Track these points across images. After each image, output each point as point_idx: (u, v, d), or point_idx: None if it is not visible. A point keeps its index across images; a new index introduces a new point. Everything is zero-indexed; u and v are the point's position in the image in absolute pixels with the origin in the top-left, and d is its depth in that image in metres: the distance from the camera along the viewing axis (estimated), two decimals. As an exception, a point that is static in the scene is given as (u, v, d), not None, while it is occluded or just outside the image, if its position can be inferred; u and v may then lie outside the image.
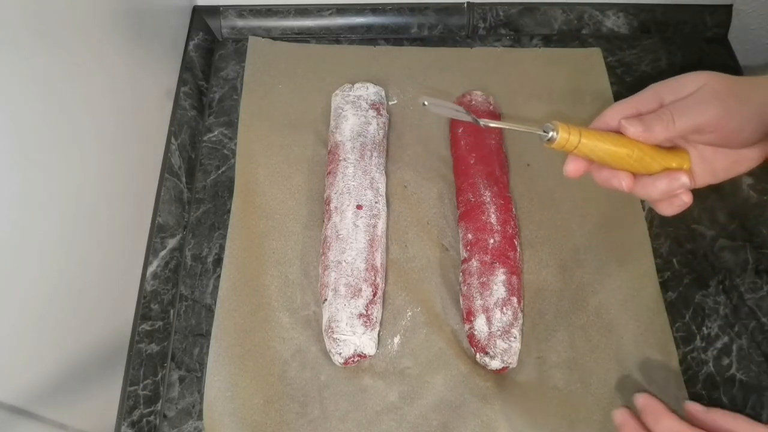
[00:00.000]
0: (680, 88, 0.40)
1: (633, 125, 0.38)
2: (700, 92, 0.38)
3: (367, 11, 0.72)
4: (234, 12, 0.71)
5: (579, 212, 0.59)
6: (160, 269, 0.55)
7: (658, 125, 0.38)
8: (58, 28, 0.41)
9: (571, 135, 0.37)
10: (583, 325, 0.53)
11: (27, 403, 0.38)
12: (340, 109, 0.60)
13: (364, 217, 0.54)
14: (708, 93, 0.38)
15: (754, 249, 0.58)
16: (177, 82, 0.65)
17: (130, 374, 0.50)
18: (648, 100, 0.40)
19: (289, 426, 0.49)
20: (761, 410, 0.50)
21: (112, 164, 0.50)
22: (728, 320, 0.54)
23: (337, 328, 0.49)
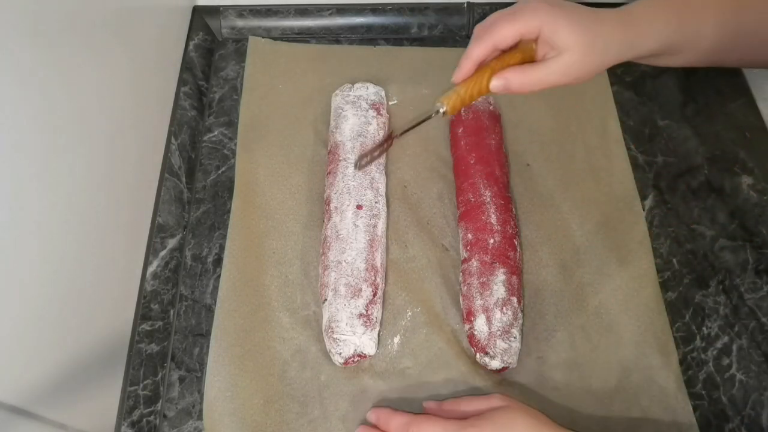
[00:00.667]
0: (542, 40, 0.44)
1: (498, 88, 0.44)
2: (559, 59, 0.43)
3: (367, 11, 0.72)
4: (234, 12, 0.71)
5: (579, 212, 0.59)
6: (160, 269, 0.55)
7: (517, 83, 0.44)
8: (58, 28, 0.41)
9: (453, 99, 0.44)
10: (583, 325, 0.53)
11: (27, 403, 0.38)
12: (340, 109, 0.60)
13: (364, 217, 0.54)
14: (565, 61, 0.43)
15: (754, 249, 0.58)
16: (177, 82, 0.65)
17: (130, 374, 0.50)
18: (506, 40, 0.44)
19: (289, 426, 0.49)
20: (761, 410, 0.50)
21: (113, 164, 0.50)
22: (728, 320, 0.54)
23: (337, 328, 0.49)
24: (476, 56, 0.44)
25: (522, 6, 0.43)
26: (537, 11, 0.42)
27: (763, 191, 0.61)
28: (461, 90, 0.44)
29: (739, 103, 0.67)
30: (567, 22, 0.42)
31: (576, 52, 0.43)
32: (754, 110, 0.67)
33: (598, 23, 0.43)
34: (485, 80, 0.44)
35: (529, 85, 0.44)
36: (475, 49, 0.43)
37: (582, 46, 0.42)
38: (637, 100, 0.67)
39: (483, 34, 0.43)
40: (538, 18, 0.42)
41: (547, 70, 0.43)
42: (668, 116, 0.66)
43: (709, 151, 0.64)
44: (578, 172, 0.61)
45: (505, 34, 0.42)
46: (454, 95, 0.44)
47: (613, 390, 0.50)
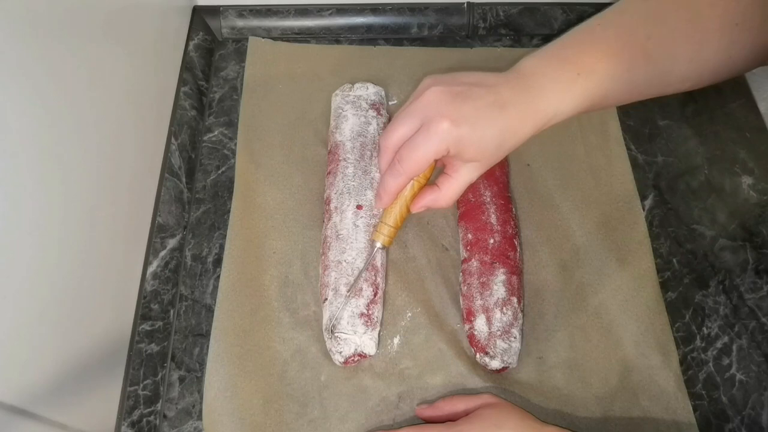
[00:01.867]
0: None
1: (420, 209, 0.47)
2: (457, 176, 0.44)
3: (367, 11, 0.72)
4: (234, 12, 0.71)
5: (579, 212, 0.59)
6: (160, 269, 0.55)
7: (437, 205, 0.46)
8: (57, 28, 0.41)
9: (385, 233, 0.48)
10: (583, 325, 0.53)
11: (27, 403, 0.38)
12: (340, 109, 0.60)
13: (364, 217, 0.54)
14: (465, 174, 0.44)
15: (754, 249, 0.58)
16: (177, 82, 0.65)
17: (130, 374, 0.50)
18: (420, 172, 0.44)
19: (289, 426, 0.49)
20: (761, 410, 0.50)
21: (112, 164, 0.50)
22: (728, 320, 0.54)
23: (338, 327, 0.49)
24: (394, 190, 0.45)
25: (426, 125, 0.40)
26: (438, 135, 0.40)
27: (763, 191, 0.61)
28: (389, 221, 0.47)
29: (739, 103, 0.67)
30: (472, 139, 0.40)
31: (486, 159, 0.42)
32: (754, 110, 0.67)
33: (504, 124, 0.40)
34: (406, 205, 0.46)
35: (448, 202, 0.45)
36: (392, 183, 0.44)
37: (489, 154, 0.42)
38: (637, 100, 0.67)
39: (396, 170, 0.43)
40: (443, 144, 0.40)
41: (460, 183, 0.44)
42: (668, 116, 0.66)
43: (709, 151, 0.64)
44: (578, 172, 0.61)
45: (417, 168, 0.42)
46: (385, 228, 0.48)
47: (613, 390, 0.50)
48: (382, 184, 0.45)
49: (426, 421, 0.48)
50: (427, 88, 0.42)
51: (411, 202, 0.46)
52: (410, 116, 0.42)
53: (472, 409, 0.46)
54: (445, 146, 0.40)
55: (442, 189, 0.44)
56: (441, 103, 0.40)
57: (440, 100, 0.40)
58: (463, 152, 0.41)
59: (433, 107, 0.40)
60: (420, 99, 0.41)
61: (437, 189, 0.45)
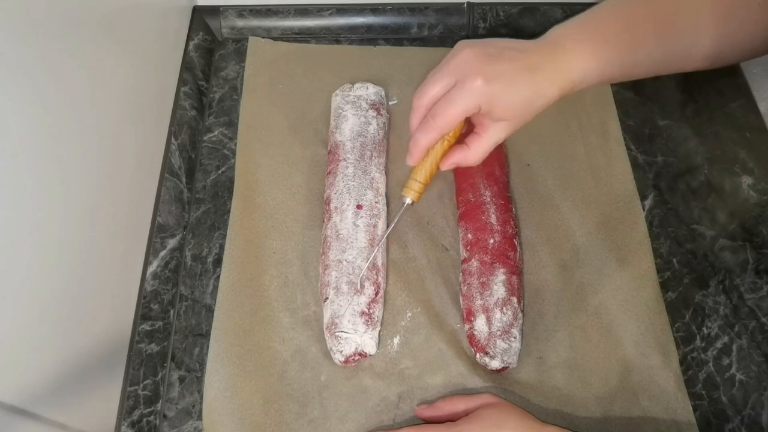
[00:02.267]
0: None
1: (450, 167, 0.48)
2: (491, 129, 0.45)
3: (367, 11, 0.72)
4: (234, 12, 0.71)
5: (579, 212, 0.59)
6: (160, 269, 0.55)
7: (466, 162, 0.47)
8: (57, 28, 0.41)
9: (417, 190, 0.49)
10: (583, 325, 0.53)
11: (27, 403, 0.38)
12: (340, 109, 0.60)
13: (364, 217, 0.54)
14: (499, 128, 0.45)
15: (754, 249, 0.58)
16: (177, 82, 0.65)
17: (130, 374, 0.50)
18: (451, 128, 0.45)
19: (289, 426, 0.49)
20: (761, 410, 0.50)
21: (112, 164, 0.50)
22: (728, 320, 0.54)
23: (339, 325, 0.49)
24: (425, 146, 0.46)
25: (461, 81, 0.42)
26: (473, 92, 0.42)
27: (763, 191, 0.61)
28: (419, 177, 0.48)
29: (739, 103, 0.67)
30: (503, 97, 0.42)
31: (514, 118, 0.44)
32: (754, 110, 0.67)
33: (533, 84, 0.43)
34: (436, 162, 0.47)
35: (478, 159, 0.47)
36: (423, 139, 0.45)
37: (519, 113, 0.44)
38: (637, 100, 0.67)
39: (428, 125, 0.44)
40: (476, 99, 0.42)
41: (489, 142, 0.46)
42: (668, 116, 0.66)
43: (709, 151, 0.64)
44: (578, 172, 0.61)
45: (450, 123, 0.44)
46: (415, 185, 0.48)
47: (613, 390, 0.50)
48: (414, 141, 0.46)
49: (426, 422, 0.48)
50: (462, 50, 0.44)
51: (441, 159, 0.47)
52: (445, 75, 0.44)
53: (472, 409, 0.46)
54: (477, 102, 0.42)
55: (471, 147, 0.46)
56: (476, 62, 0.43)
57: (475, 59, 0.43)
58: (493, 110, 0.43)
59: (467, 66, 0.43)
60: (455, 59, 0.44)
61: (466, 147, 0.46)
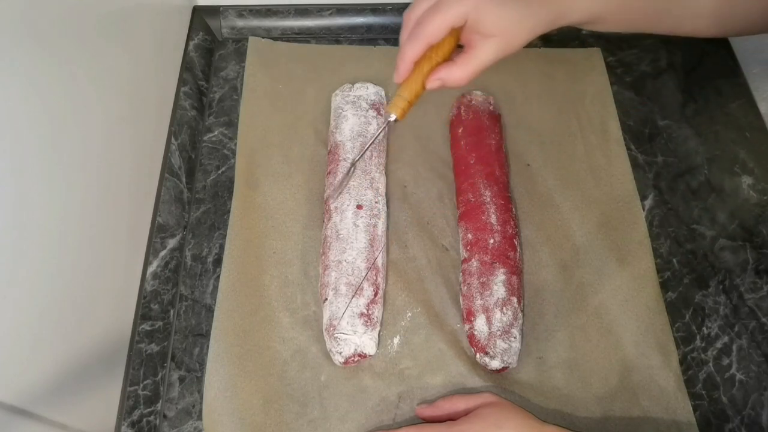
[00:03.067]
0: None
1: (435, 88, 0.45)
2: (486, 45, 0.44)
3: (367, 11, 0.72)
4: (234, 12, 0.71)
5: (579, 212, 0.59)
6: (160, 269, 0.55)
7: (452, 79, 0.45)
8: (57, 28, 0.41)
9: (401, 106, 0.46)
10: (583, 325, 0.53)
11: (27, 403, 0.38)
12: (340, 109, 0.60)
13: (364, 216, 0.54)
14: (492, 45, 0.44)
15: (754, 249, 0.58)
16: (177, 82, 0.65)
17: (130, 374, 0.50)
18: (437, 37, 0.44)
19: (289, 426, 0.49)
20: (761, 410, 0.50)
21: (112, 164, 0.50)
22: (728, 320, 0.54)
23: (338, 327, 0.49)
24: (412, 57, 0.44)
25: None
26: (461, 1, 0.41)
27: (763, 191, 0.61)
28: (404, 93, 0.46)
29: (739, 103, 0.67)
30: (491, 8, 0.42)
31: (503, 37, 0.43)
32: (754, 110, 0.67)
33: (524, 4, 0.43)
34: (422, 80, 0.45)
35: (463, 79, 0.45)
36: (409, 50, 0.44)
37: (508, 30, 0.43)
38: (637, 100, 0.68)
39: (415, 35, 0.43)
40: (462, 7, 0.41)
41: (476, 60, 0.44)
42: (668, 116, 0.66)
43: (709, 151, 0.64)
44: (578, 172, 0.61)
45: (436, 32, 0.43)
46: (400, 101, 0.46)
47: (613, 390, 0.50)
48: (400, 54, 0.44)
49: (426, 421, 0.48)
50: None
51: (427, 77, 0.45)
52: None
53: (473, 408, 0.46)
54: (464, 11, 0.42)
55: (458, 64, 0.44)
56: None
57: None
58: (481, 22, 0.42)
59: None
60: None
61: (453, 64, 0.45)
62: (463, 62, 0.44)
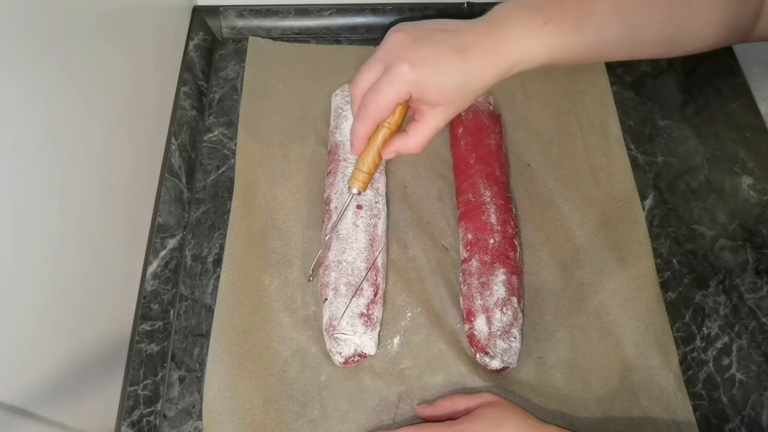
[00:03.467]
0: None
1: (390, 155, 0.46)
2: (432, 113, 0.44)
3: (367, 11, 0.72)
4: (234, 12, 0.71)
5: (579, 212, 0.59)
6: (160, 269, 0.55)
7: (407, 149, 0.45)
8: (57, 28, 0.41)
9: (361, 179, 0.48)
10: (583, 325, 0.53)
11: (27, 403, 0.38)
12: (340, 109, 0.60)
13: (364, 217, 0.54)
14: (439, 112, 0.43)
15: (754, 249, 0.58)
16: (177, 82, 0.65)
17: (130, 374, 0.50)
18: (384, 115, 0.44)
19: (289, 426, 0.49)
20: (761, 410, 0.50)
21: (113, 164, 0.50)
22: (728, 320, 0.54)
23: (338, 327, 0.49)
24: (364, 134, 0.45)
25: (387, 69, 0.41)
26: (398, 79, 0.41)
27: (763, 191, 0.61)
28: (362, 167, 0.47)
29: (739, 103, 0.67)
30: (432, 81, 0.41)
31: (448, 104, 0.43)
32: (754, 110, 0.67)
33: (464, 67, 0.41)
34: (378, 151, 0.46)
35: (417, 147, 0.45)
36: (360, 128, 0.44)
37: (452, 97, 0.42)
38: (637, 100, 0.68)
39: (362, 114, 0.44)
40: (403, 87, 0.41)
41: (426, 129, 0.44)
42: (668, 116, 0.66)
43: (709, 151, 0.64)
44: (578, 172, 0.61)
45: (382, 111, 0.43)
46: (359, 174, 0.48)
47: (613, 390, 0.50)
48: (353, 131, 0.45)
49: (426, 421, 0.48)
50: (392, 35, 0.42)
51: (382, 148, 0.46)
52: (374, 62, 0.43)
53: (473, 408, 0.46)
54: (405, 89, 0.41)
55: (410, 134, 0.45)
56: (401, 47, 0.41)
57: (401, 45, 0.41)
58: (425, 95, 0.42)
59: (393, 52, 0.41)
60: (383, 46, 0.42)
61: (406, 135, 0.45)
62: (415, 132, 0.45)
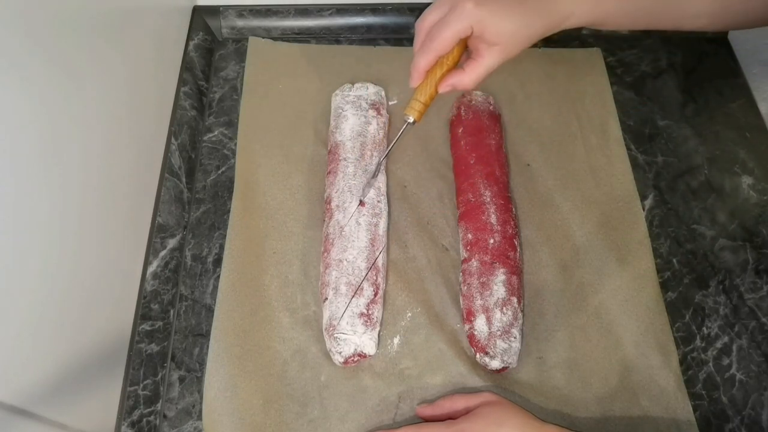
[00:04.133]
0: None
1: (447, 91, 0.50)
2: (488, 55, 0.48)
3: (367, 11, 0.72)
4: (234, 12, 0.71)
5: (579, 212, 0.59)
6: (160, 269, 0.55)
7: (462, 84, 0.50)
8: (57, 28, 0.41)
9: (418, 109, 0.51)
10: (583, 325, 0.53)
11: (27, 403, 0.38)
12: (340, 109, 0.60)
13: (366, 215, 0.54)
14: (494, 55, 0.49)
15: (754, 249, 0.58)
16: (177, 82, 0.65)
17: (130, 374, 0.50)
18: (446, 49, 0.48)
19: (289, 426, 0.49)
20: (761, 410, 0.50)
21: (113, 164, 0.50)
22: (728, 320, 0.54)
23: (338, 327, 0.49)
24: (424, 67, 0.49)
25: (453, 7, 0.46)
26: (464, 14, 0.46)
27: (763, 191, 0.61)
28: (420, 97, 0.51)
29: (739, 103, 0.67)
30: (492, 20, 0.46)
31: (505, 45, 0.48)
32: (754, 110, 0.67)
33: (522, 14, 0.47)
34: (435, 84, 0.50)
35: (471, 83, 0.49)
36: (422, 60, 0.49)
37: (509, 38, 0.47)
38: (637, 100, 0.68)
39: (425, 47, 0.48)
40: (467, 21, 0.46)
41: (482, 67, 0.49)
42: (668, 116, 0.66)
43: (709, 151, 0.64)
44: (578, 172, 0.61)
45: (445, 44, 0.47)
46: (416, 104, 0.51)
47: (613, 390, 0.50)
48: (414, 63, 0.49)
49: (426, 420, 0.48)
50: None
51: (439, 82, 0.50)
52: (440, 3, 0.48)
53: (473, 407, 0.46)
54: (468, 24, 0.46)
55: (466, 70, 0.49)
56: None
57: None
58: (484, 32, 0.46)
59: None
60: None
61: (462, 71, 0.50)
62: (471, 69, 0.49)
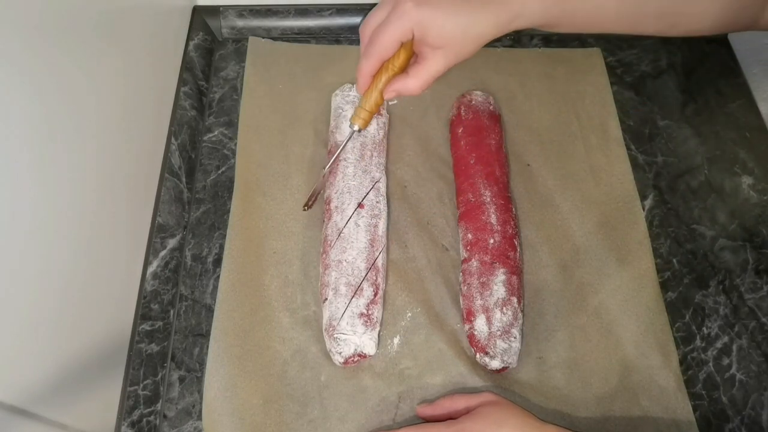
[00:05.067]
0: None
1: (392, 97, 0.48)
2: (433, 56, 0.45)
3: (367, 11, 0.72)
4: (234, 12, 0.71)
5: (579, 212, 0.59)
6: (160, 269, 0.55)
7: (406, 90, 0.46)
8: (57, 28, 0.41)
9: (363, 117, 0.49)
10: (583, 325, 0.53)
11: (27, 403, 0.38)
12: (340, 109, 0.60)
13: (365, 216, 0.54)
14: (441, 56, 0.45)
15: (754, 249, 0.58)
16: (177, 82, 0.65)
17: (130, 374, 0.50)
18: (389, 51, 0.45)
19: (289, 426, 0.49)
20: (761, 410, 0.50)
21: (113, 164, 0.50)
22: (728, 320, 0.54)
23: (338, 327, 0.49)
24: (369, 72, 0.46)
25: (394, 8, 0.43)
26: (404, 16, 0.42)
27: (763, 191, 0.61)
28: (365, 105, 0.49)
29: (739, 103, 0.67)
30: (434, 22, 0.42)
31: (450, 47, 0.44)
32: (754, 110, 0.67)
33: (467, 14, 0.43)
34: (380, 91, 0.48)
35: (417, 89, 0.46)
36: (365, 65, 0.46)
37: (454, 41, 0.44)
38: (637, 100, 0.68)
39: (368, 51, 0.45)
40: (407, 23, 0.42)
41: (427, 71, 0.45)
42: (668, 116, 0.66)
43: (709, 151, 0.64)
44: (578, 172, 0.61)
45: (386, 48, 0.44)
46: (361, 112, 0.49)
47: (613, 390, 0.50)
48: (358, 69, 0.46)
49: (426, 421, 0.48)
50: None
51: (384, 88, 0.48)
52: (383, 4, 0.45)
53: (473, 407, 0.46)
54: (408, 25, 0.43)
55: (410, 75, 0.46)
56: None
57: None
58: (426, 35, 0.43)
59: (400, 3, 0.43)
60: None
61: (407, 76, 0.46)
62: (416, 74, 0.46)
